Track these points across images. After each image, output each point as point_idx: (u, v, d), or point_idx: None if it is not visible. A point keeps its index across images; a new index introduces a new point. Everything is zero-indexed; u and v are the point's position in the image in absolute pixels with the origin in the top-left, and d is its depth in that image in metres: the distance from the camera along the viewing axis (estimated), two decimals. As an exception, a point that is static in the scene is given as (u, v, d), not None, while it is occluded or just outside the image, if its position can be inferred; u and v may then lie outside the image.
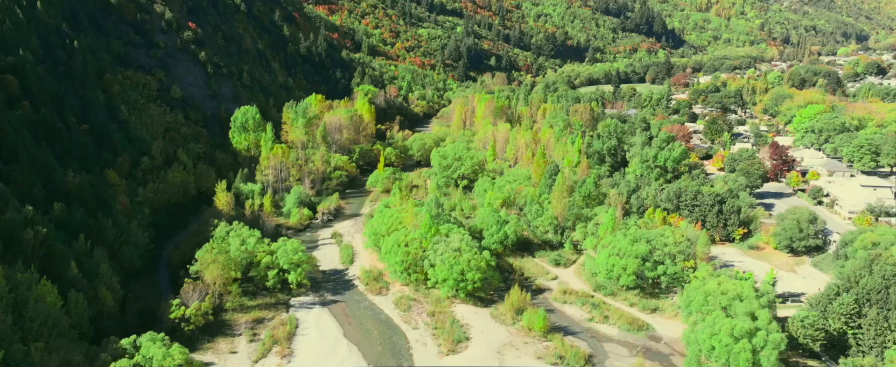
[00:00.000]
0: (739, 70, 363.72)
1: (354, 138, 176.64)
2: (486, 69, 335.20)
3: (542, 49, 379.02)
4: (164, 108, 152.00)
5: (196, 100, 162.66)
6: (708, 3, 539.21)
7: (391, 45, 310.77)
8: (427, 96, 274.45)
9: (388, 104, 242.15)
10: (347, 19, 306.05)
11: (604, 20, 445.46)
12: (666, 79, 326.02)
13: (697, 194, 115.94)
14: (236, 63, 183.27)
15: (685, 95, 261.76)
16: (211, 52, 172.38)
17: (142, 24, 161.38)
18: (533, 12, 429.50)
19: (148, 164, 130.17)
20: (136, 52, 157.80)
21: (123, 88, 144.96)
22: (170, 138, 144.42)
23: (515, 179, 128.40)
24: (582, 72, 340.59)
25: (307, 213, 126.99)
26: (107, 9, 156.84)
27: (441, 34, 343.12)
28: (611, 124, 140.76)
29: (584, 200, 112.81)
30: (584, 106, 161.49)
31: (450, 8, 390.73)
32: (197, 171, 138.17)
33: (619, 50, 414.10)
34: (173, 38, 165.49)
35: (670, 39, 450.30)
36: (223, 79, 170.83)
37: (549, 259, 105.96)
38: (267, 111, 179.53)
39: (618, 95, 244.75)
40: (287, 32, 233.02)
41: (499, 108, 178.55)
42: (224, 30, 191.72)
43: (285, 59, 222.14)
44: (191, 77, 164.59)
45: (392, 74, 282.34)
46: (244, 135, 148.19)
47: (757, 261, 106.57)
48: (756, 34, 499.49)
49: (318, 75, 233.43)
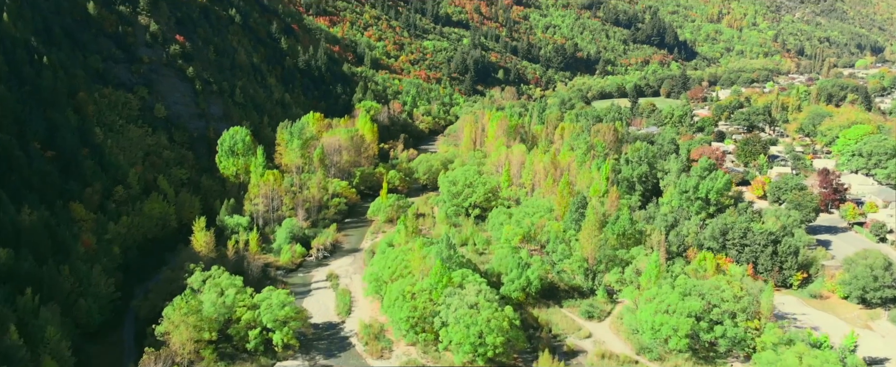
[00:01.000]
0: (757, 83, 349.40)
1: (355, 160, 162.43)
2: (493, 82, 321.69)
3: (551, 61, 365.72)
4: (145, 129, 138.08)
5: (182, 119, 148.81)
6: (719, 14, 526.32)
7: (395, 57, 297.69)
8: (433, 112, 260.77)
9: (392, 121, 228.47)
10: (349, 31, 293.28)
11: (614, 31, 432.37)
12: (682, 93, 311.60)
13: (747, 232, 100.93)
14: (228, 78, 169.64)
15: (706, 111, 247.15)
16: (200, 67, 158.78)
17: (124, 37, 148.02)
18: (541, 24, 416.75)
19: (123, 194, 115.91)
20: (117, 68, 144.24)
21: (100, 108, 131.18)
22: (150, 164, 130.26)
23: (535, 210, 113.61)
24: (593, 85, 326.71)
25: (300, 250, 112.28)
26: (85, 21, 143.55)
27: (447, 46, 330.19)
28: (641, 148, 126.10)
29: (618, 238, 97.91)
30: (607, 126, 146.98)
31: (455, 19, 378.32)
32: (179, 200, 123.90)
33: (631, 62, 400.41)
34: (159, 53, 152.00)
35: (682, 51, 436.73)
36: (213, 96, 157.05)
37: (579, 310, 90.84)
38: (260, 131, 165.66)
39: (636, 111, 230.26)
40: (285, 45, 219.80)
41: (512, 127, 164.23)
42: (216, 43, 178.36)
43: (283, 73, 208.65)
44: (177, 94, 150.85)
45: (396, 88, 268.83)
46: (232, 159, 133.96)
47: (823, 314, 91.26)
48: (770, 46, 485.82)
49: (317, 90, 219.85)
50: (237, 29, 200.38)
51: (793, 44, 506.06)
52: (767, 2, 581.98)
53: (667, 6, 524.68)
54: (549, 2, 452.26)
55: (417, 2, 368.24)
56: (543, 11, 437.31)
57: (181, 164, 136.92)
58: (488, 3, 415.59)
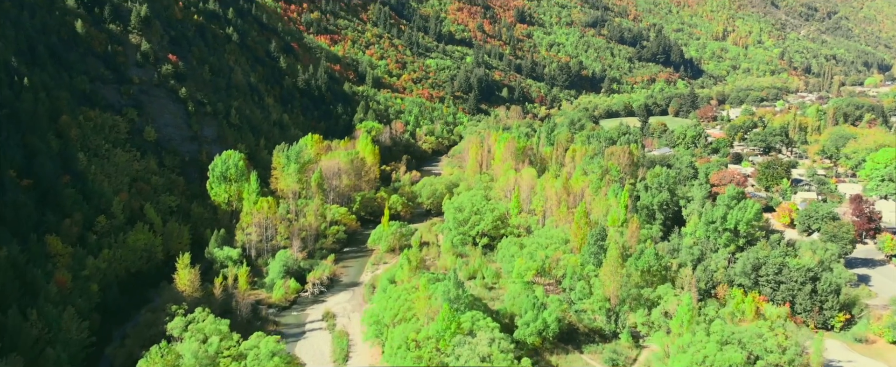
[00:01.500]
0: (767, 102, 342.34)
1: (355, 184, 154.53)
2: (497, 101, 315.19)
3: (555, 79, 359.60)
4: (133, 153, 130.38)
5: (173, 143, 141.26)
6: (724, 32, 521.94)
7: (397, 76, 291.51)
8: (436, 132, 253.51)
9: (394, 142, 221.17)
10: (351, 50, 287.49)
11: (619, 49, 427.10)
12: (691, 112, 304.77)
13: (782, 268, 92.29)
14: (224, 99, 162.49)
15: (719, 131, 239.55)
16: (194, 88, 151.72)
17: (113, 56, 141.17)
18: (545, 41, 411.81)
19: (105, 224, 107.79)
20: (105, 89, 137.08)
21: (84, 132, 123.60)
22: (137, 191, 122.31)
23: (549, 242, 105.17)
24: (600, 104, 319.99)
25: (294, 285, 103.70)
26: (72, 40, 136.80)
27: (450, 64, 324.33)
28: (661, 174, 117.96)
29: (642, 275, 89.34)
30: (622, 149, 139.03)
31: (458, 37, 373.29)
32: (166, 230, 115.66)
33: (637, 80, 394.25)
34: (150, 73, 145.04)
35: (689, 69, 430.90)
36: (206, 118, 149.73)
37: (602, 358, 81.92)
38: (256, 154, 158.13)
39: (646, 131, 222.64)
40: (284, 64, 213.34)
41: (520, 149, 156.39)
42: (211, 62, 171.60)
43: (281, 93, 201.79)
44: (168, 116, 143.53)
45: (398, 107, 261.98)
46: (224, 186, 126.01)
47: (871, 361, 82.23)
48: (776, 63, 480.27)
49: (317, 110, 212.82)
50: (234, 48, 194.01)
51: (799, 61, 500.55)
52: (772, 20, 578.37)
53: (671, 24, 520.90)
54: (553, 20, 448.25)
55: (420, 20, 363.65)
56: (547, 29, 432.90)
57: (170, 190, 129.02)
58: (491, 21, 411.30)
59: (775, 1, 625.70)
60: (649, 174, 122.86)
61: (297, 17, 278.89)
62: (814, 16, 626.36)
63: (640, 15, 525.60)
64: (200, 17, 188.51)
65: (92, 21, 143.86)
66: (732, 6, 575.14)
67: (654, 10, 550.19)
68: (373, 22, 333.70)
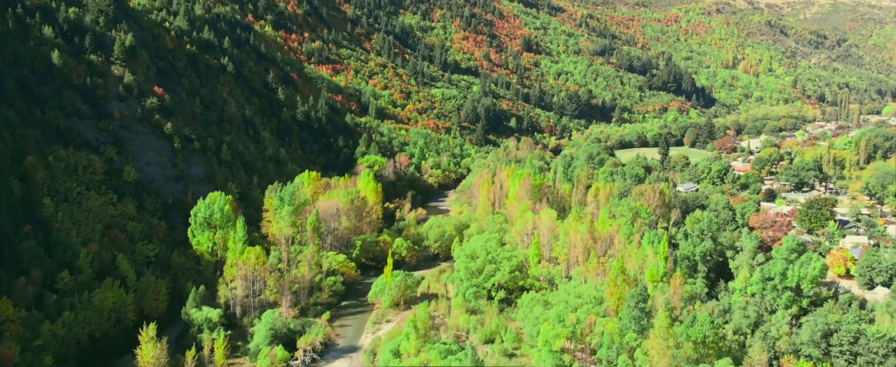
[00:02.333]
0: (785, 131, 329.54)
1: (356, 226, 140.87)
2: (505, 131, 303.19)
3: (565, 109, 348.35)
4: (109, 196, 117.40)
5: (156, 183, 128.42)
6: (734, 60, 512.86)
7: (401, 106, 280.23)
8: (442, 164, 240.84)
9: (398, 176, 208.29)
10: (353, 80, 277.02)
11: (629, 78, 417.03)
12: (708, 142, 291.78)
13: (859, 337, 77.53)
14: (215, 134, 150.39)
15: (743, 164, 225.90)
16: (181, 122, 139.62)
17: (93, 89, 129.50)
18: (552, 70, 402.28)
19: (69, 281, 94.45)
20: (82, 125, 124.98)
21: (54, 174, 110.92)
22: (110, 239, 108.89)
23: (579, 301, 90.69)
24: (612, 134, 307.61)
25: (282, 354, 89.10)
26: (47, 72, 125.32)
27: (456, 94, 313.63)
28: (703, 219, 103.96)
29: (695, 347, 74.68)
30: (652, 188, 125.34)
31: (464, 66, 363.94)
32: (141, 285, 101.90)
33: (648, 109, 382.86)
34: (133, 107, 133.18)
35: (701, 98, 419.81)
36: (194, 155, 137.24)
37: (654, 456, 66.85)
38: (248, 193, 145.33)
39: (667, 165, 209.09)
40: (282, 96, 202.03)
41: (536, 186, 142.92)
42: (203, 94, 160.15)
43: (279, 126, 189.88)
44: (151, 154, 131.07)
45: (402, 139, 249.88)
46: (208, 233, 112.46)
47: None
48: (789, 92, 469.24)
49: (316, 144, 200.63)
50: (229, 79, 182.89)
51: (812, 90, 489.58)
52: (782, 47, 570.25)
53: (679, 52, 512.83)
54: (560, 48, 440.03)
55: (425, 49, 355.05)
56: (555, 58, 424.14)
57: (149, 237, 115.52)
58: (497, 49, 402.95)
59: (784, 29, 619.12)
60: (688, 220, 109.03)
61: (297, 47, 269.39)
62: (823, 43, 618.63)
63: (648, 43, 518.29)
64: (193, 47, 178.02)
65: (71, 52, 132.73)
66: (741, 34, 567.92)
67: (662, 38, 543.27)
68: (376, 51, 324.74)
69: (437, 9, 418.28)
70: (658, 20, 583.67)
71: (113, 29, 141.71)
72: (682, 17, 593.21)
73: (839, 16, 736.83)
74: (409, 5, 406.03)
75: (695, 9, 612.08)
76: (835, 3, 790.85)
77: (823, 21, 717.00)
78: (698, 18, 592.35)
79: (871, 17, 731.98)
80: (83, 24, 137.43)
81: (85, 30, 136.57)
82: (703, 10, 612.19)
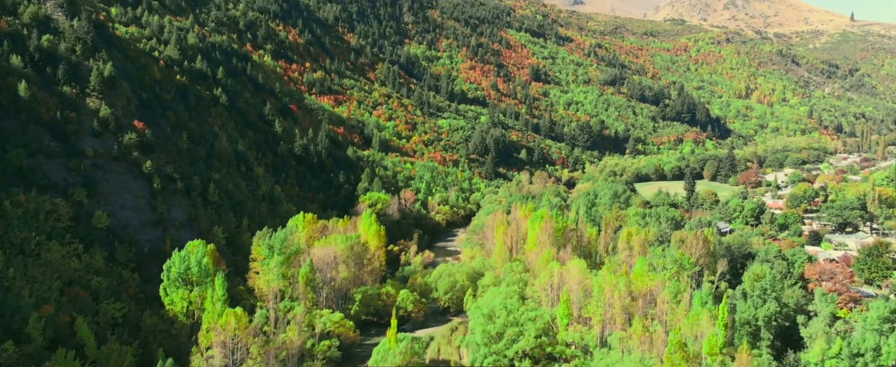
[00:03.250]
0: (809, 164, 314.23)
1: (356, 276, 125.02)
2: (516, 163, 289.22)
3: (576, 140, 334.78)
4: (74, 246, 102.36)
5: (130, 229, 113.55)
6: (747, 90, 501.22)
7: (407, 138, 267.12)
8: (450, 200, 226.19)
9: (403, 214, 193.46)
10: (356, 111, 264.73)
11: (641, 108, 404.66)
12: (731, 176, 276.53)
13: None
14: (202, 171, 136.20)
15: (772, 200, 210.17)
16: (163, 160, 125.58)
17: (64, 124, 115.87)
18: (562, 100, 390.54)
19: (13, 353, 78.72)
20: (49, 165, 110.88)
21: (9, 222, 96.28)
22: (70, 299, 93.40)
23: (624, 381, 74.35)
24: (628, 166, 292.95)
25: (263, 449, 72.68)
26: (12, 105, 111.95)
27: (464, 125, 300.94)
28: (765, 276, 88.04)
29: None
30: (694, 234, 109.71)
31: (471, 96, 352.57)
32: (102, 354, 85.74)
33: (663, 140, 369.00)
34: (108, 143, 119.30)
35: (716, 129, 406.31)
36: (176, 196, 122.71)
37: None
38: (237, 238, 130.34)
39: (694, 202, 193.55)
40: (279, 128, 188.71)
41: (559, 230, 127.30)
42: (191, 128, 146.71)
43: (274, 160, 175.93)
44: (127, 196, 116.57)
45: (408, 173, 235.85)
46: (183, 290, 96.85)
47: None
48: (805, 122, 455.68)
49: (315, 180, 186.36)
50: (221, 111, 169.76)
51: (828, 120, 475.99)
52: (795, 77, 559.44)
53: (690, 82, 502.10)
54: (570, 77, 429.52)
55: (431, 79, 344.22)
56: (564, 87, 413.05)
57: (118, 294, 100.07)
58: (505, 79, 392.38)
59: (795, 59, 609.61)
60: (746, 276, 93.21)
61: (298, 77, 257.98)
62: (836, 73, 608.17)
63: (659, 73, 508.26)
64: (184, 78, 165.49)
65: (41, 83, 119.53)
66: (752, 63, 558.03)
67: (672, 67, 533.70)
68: (381, 81, 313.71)
69: (442, 38, 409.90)
70: (667, 50, 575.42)
71: (91, 58, 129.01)
72: (691, 47, 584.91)
73: (849, 45, 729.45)
74: (414, 35, 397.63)
75: (704, 38, 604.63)
76: (844, 32, 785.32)
77: (833, 51, 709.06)
78: (708, 48, 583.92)
79: (882, 46, 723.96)
80: (57, 52, 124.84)
81: (59, 59, 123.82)
82: (713, 39, 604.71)
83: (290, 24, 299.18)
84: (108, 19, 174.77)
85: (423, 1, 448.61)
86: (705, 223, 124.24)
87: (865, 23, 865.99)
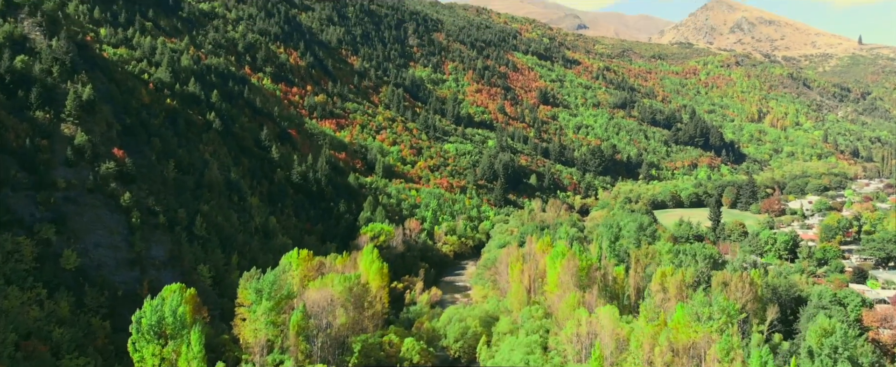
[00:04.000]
0: (832, 191, 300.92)
1: (355, 321, 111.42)
2: (526, 189, 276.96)
3: (588, 164, 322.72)
4: (36, 291, 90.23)
5: (104, 270, 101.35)
6: (759, 114, 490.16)
7: (412, 163, 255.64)
8: (458, 230, 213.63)
9: (408, 246, 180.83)
10: (359, 135, 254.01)
11: (653, 132, 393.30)
12: (752, 203, 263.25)
13: None
14: (189, 203, 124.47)
15: (801, 229, 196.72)
16: (144, 192, 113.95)
17: (34, 153, 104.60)
18: (571, 123, 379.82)
19: (-57, 426, 66.15)
20: (14, 198, 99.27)
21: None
22: (26, 354, 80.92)
23: None
24: (643, 193, 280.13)
25: None
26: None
27: (471, 149, 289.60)
28: (835, 331, 74.77)
29: None
30: (739, 277, 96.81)
31: (478, 120, 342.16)
32: (54, 423, 73.36)
33: (677, 165, 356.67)
34: (83, 174, 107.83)
35: (730, 153, 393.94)
36: (157, 232, 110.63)
37: None
38: (225, 277, 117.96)
39: (720, 233, 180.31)
40: (276, 154, 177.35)
41: (583, 269, 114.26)
42: (180, 156, 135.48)
43: (270, 189, 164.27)
44: (101, 232, 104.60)
45: (413, 200, 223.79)
46: (154, 345, 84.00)
47: None
48: (821, 147, 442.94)
49: (314, 209, 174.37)
50: (214, 137, 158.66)
51: (844, 144, 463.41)
52: (807, 100, 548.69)
53: (701, 105, 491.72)
54: (579, 101, 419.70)
55: (436, 102, 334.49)
56: (573, 111, 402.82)
57: (83, 347, 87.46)
58: (513, 102, 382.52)
59: (807, 82, 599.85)
60: (811, 331, 79.99)
61: (299, 101, 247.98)
62: (848, 96, 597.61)
63: (668, 96, 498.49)
64: (174, 101, 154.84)
65: (11, 107, 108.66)
66: (763, 87, 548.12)
67: (682, 90, 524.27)
68: (385, 104, 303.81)
69: (448, 61, 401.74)
70: (676, 73, 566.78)
71: (69, 80, 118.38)
72: (700, 70, 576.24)
73: (859, 69, 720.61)
74: (419, 57, 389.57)
75: (713, 61, 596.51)
76: (853, 56, 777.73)
77: (844, 74, 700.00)
78: (717, 71, 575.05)
79: (892, 69, 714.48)
80: (31, 74, 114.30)
81: (33, 81, 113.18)
82: (722, 62, 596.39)
83: (292, 46, 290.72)
84: (96, 40, 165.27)
85: (428, 24, 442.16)
86: (750, 264, 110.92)
87: (874, 46, 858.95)
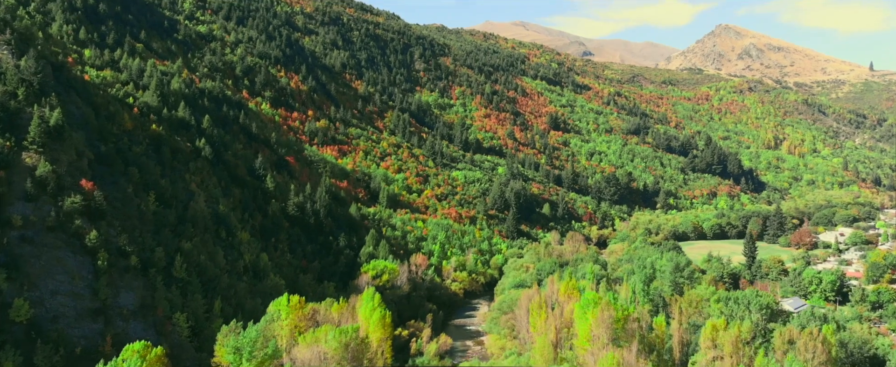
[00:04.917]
0: (862, 222, 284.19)
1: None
2: (539, 219, 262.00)
3: (602, 193, 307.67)
4: (-28, 350, 75.79)
5: (61, 322, 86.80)
6: (776, 140, 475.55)
7: (418, 192, 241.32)
8: (468, 265, 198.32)
9: (414, 285, 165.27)
10: (362, 162, 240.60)
11: (668, 159, 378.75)
12: (780, 236, 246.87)
13: None
14: (168, 241, 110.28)
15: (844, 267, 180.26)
16: (115, 229, 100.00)
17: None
18: (584, 149, 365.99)
19: None
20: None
21: None
22: (-55, 433, 66.05)
23: None
24: (663, 224, 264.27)
25: None
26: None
27: (480, 176, 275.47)
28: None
29: None
30: (808, 334, 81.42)
31: (487, 146, 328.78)
32: None
33: (695, 194, 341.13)
34: (44, 210, 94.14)
35: (750, 181, 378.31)
36: (127, 275, 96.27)
37: None
38: (205, 327, 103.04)
39: (756, 270, 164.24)
40: (271, 184, 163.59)
41: (619, 320, 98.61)
42: (162, 187, 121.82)
43: (263, 222, 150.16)
44: (61, 278, 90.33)
45: (419, 232, 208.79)
46: (106, 426, 68.97)
47: None
48: (841, 175, 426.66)
49: (311, 244, 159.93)
50: (203, 165, 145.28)
51: (865, 172, 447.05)
52: (823, 127, 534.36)
53: (716, 131, 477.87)
54: (590, 126, 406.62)
55: (443, 127, 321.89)
56: (585, 136, 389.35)
57: (23, 421, 72.60)
58: (522, 127, 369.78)
59: (822, 108, 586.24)
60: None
61: (299, 126, 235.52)
62: (864, 123, 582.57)
63: (682, 122, 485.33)
64: (160, 127, 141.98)
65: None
66: (778, 113, 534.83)
67: (695, 116, 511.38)
68: (390, 130, 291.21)
69: (455, 85, 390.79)
70: (688, 99, 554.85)
71: (37, 104, 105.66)
72: (712, 96, 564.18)
73: (873, 95, 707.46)
74: (426, 82, 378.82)
75: (725, 87, 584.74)
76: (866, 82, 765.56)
77: (858, 100, 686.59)
78: (730, 97, 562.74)
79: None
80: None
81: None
82: (734, 88, 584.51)
83: (293, 70, 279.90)
84: (79, 62, 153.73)
85: (434, 48, 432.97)
86: (820, 317, 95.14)
87: (886, 72, 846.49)
